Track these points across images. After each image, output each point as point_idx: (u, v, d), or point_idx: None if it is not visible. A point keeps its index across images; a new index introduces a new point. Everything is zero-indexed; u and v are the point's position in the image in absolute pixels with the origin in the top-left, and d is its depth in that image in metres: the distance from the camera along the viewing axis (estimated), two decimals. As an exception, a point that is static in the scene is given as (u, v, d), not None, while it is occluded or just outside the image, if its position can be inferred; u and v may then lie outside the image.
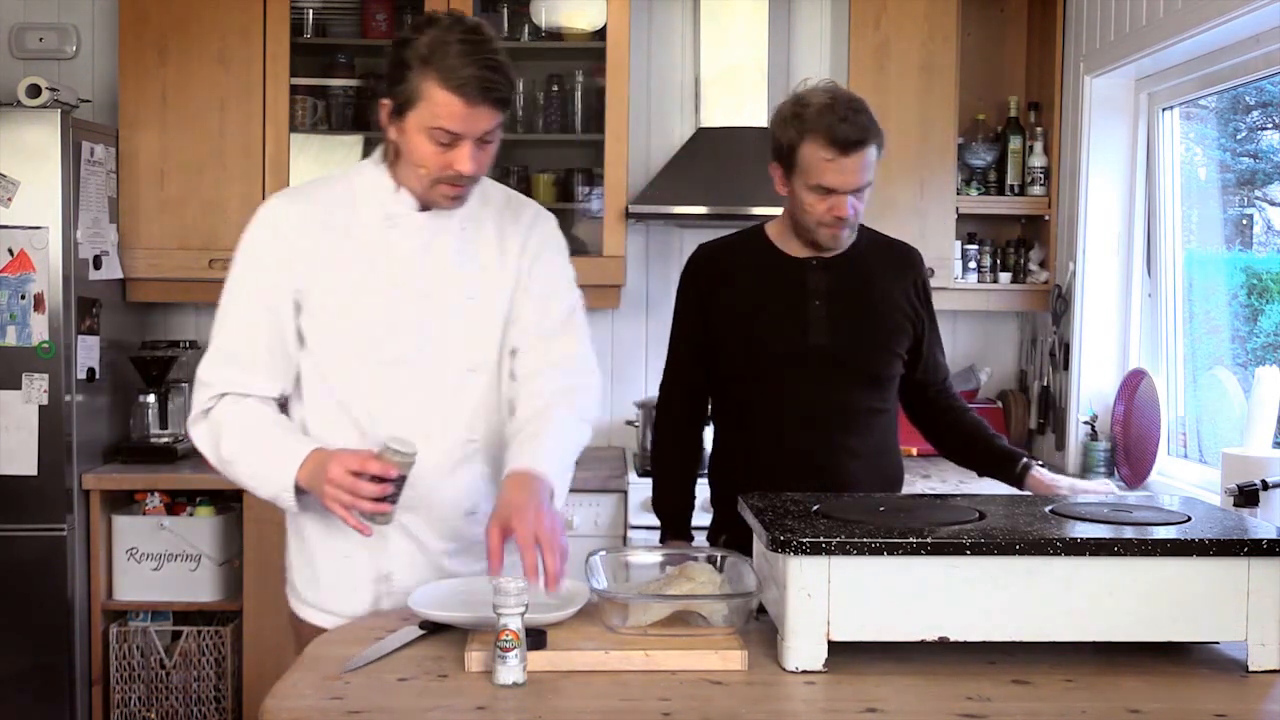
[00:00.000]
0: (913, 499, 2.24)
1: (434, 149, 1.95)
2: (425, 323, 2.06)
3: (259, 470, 2.02)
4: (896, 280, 2.50)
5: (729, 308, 2.46)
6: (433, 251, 2.07)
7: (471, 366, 2.09)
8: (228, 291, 2.09)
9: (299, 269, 2.03)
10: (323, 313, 2.05)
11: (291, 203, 2.09)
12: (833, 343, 2.41)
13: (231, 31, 3.87)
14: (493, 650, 1.70)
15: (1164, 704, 1.68)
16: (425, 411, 2.05)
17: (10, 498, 3.55)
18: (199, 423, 2.08)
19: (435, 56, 1.90)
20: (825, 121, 2.27)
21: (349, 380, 2.06)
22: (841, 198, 2.31)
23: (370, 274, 2.04)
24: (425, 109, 1.92)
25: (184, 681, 3.71)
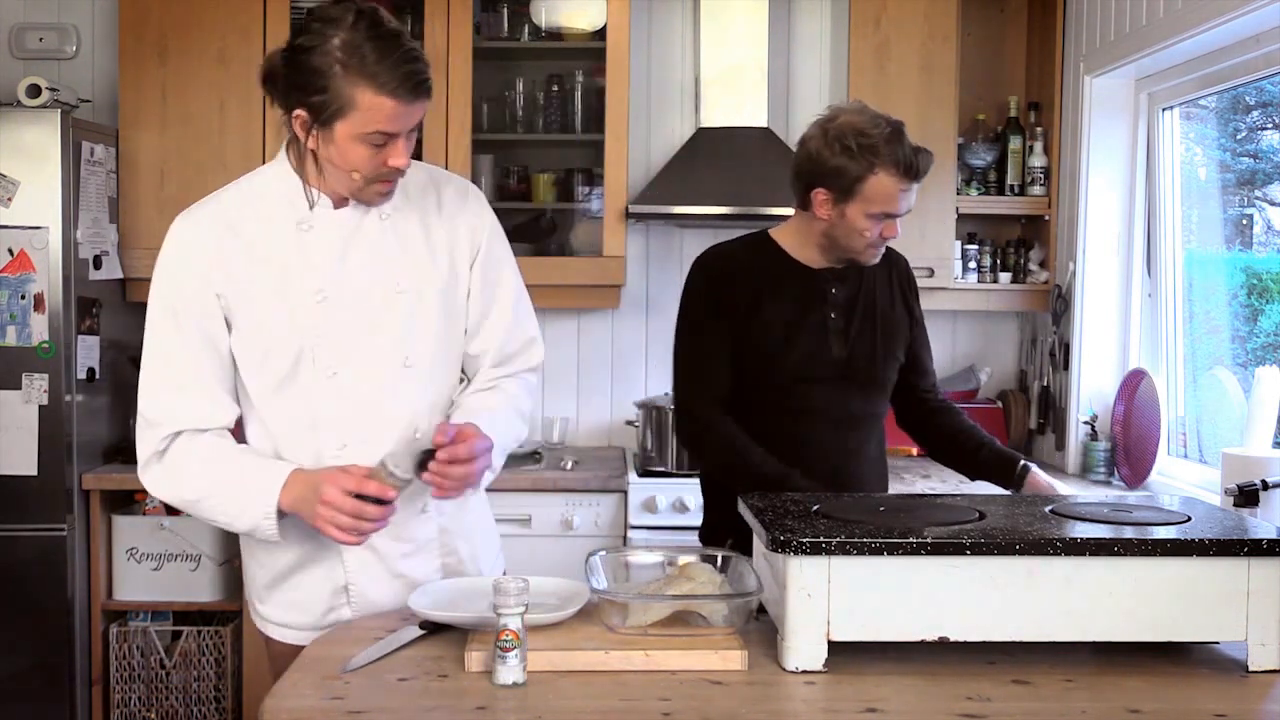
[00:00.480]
0: (913, 499, 2.24)
1: (368, 152, 1.88)
2: (354, 323, 1.99)
3: (235, 503, 1.95)
4: (893, 287, 2.55)
5: (749, 315, 2.43)
6: (353, 249, 1.99)
7: (407, 362, 2.02)
8: (155, 323, 1.99)
9: (221, 286, 1.96)
10: (249, 328, 1.97)
11: (198, 222, 1.99)
12: (850, 354, 2.45)
13: (231, 31, 3.87)
14: (493, 650, 1.70)
15: (1164, 704, 1.68)
16: (366, 413, 2.00)
17: (10, 498, 3.55)
18: (151, 466, 1.98)
19: (354, 61, 1.82)
20: (895, 153, 2.30)
21: (288, 394, 1.98)
22: (894, 221, 2.38)
23: (290, 282, 1.96)
24: (358, 116, 1.84)
25: (184, 681, 3.71)
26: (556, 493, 3.67)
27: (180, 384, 1.97)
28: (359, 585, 2.06)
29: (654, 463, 3.77)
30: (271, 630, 2.13)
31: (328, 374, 1.98)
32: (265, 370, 1.98)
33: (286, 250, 1.97)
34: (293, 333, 1.96)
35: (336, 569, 2.06)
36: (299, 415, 1.99)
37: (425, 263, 2.04)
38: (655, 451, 3.77)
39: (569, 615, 1.88)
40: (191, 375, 1.97)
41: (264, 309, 1.97)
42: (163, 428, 1.97)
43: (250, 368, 1.99)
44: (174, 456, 1.97)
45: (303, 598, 2.08)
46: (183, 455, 1.97)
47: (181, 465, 1.97)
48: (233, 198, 2.03)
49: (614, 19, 3.89)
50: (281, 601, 2.10)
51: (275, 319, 1.96)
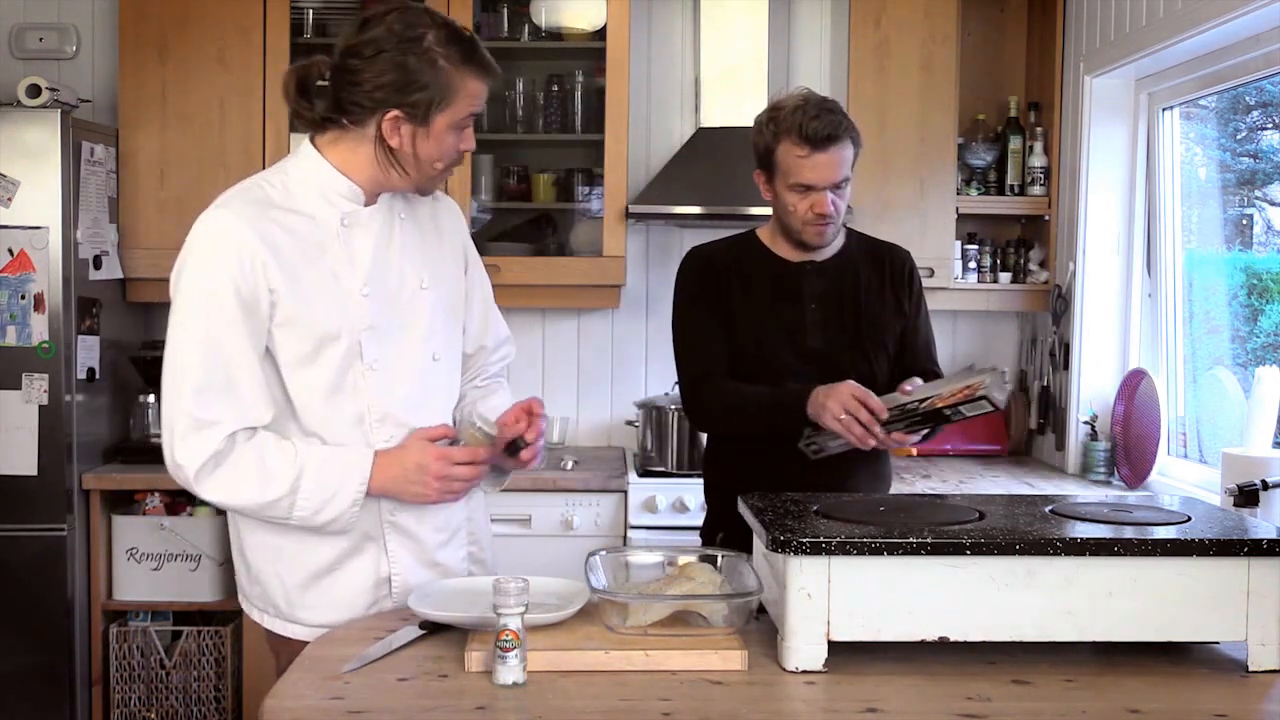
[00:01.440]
0: (913, 499, 2.24)
1: (455, 140, 1.97)
2: (391, 319, 2.02)
3: (322, 494, 1.93)
4: (886, 281, 2.54)
5: (729, 309, 2.48)
6: (386, 246, 2.03)
7: (435, 355, 2.08)
8: (197, 314, 1.90)
9: (275, 279, 1.91)
10: (301, 323, 1.94)
11: (242, 212, 1.93)
12: (827, 345, 2.45)
13: (231, 31, 3.87)
14: (493, 650, 1.70)
15: (1164, 704, 1.68)
16: (404, 408, 2.03)
17: (10, 498, 3.55)
18: (209, 473, 1.91)
19: (455, 53, 1.92)
20: (797, 120, 2.35)
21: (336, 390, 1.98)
22: (821, 194, 2.38)
23: (339, 276, 1.97)
24: (461, 103, 1.94)
25: (184, 681, 3.71)
26: (556, 493, 3.67)
27: (235, 379, 1.90)
28: (401, 575, 2.06)
29: (654, 463, 3.77)
30: (301, 633, 2.04)
31: (372, 368, 1.99)
32: (315, 366, 1.95)
33: (333, 245, 1.98)
34: (342, 327, 1.96)
35: (381, 560, 2.05)
36: (346, 411, 1.99)
37: (437, 262, 2.11)
38: (655, 451, 3.77)
39: (569, 615, 1.88)
40: (246, 369, 1.91)
41: (316, 303, 1.94)
42: (220, 427, 1.89)
43: (298, 365, 1.95)
44: (240, 458, 1.91)
45: (346, 593, 2.04)
46: (249, 456, 1.91)
47: (251, 466, 1.91)
48: (272, 191, 1.98)
49: (614, 19, 3.89)
50: (320, 602, 2.04)
51: (326, 313, 1.95)
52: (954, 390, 2.21)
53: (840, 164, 2.37)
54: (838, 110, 2.39)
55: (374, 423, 2.01)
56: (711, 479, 2.61)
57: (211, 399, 1.89)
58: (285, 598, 2.05)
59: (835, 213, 2.40)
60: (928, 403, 2.22)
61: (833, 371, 2.40)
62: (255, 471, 1.92)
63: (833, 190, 2.38)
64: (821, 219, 2.39)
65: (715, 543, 2.44)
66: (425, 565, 2.09)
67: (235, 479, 1.92)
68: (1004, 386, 2.19)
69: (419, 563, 2.08)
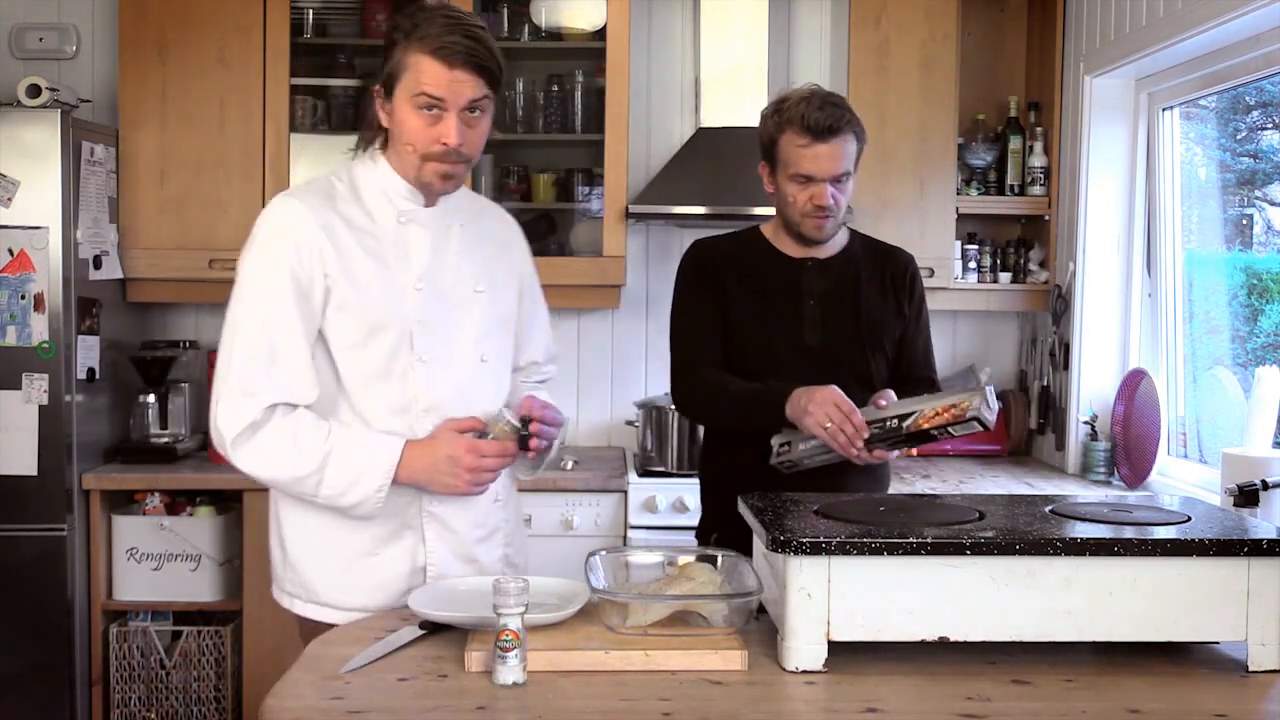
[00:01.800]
0: (913, 499, 2.24)
1: (420, 122, 1.99)
2: (444, 316, 2.10)
3: (349, 475, 1.99)
4: (887, 284, 2.54)
5: (728, 303, 2.49)
6: (442, 247, 2.12)
7: (484, 357, 2.15)
8: (256, 291, 2.01)
9: (331, 265, 2.01)
10: (353, 310, 2.02)
11: (304, 200, 2.04)
12: (824, 342, 2.46)
13: (231, 31, 3.87)
14: (493, 650, 1.70)
15: (1164, 704, 1.68)
16: (449, 403, 2.09)
17: (10, 498, 3.55)
18: (244, 441, 1.98)
19: (418, 30, 1.97)
20: (800, 111, 2.37)
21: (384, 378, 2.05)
22: (820, 186, 2.39)
23: (393, 269, 2.06)
24: (410, 78, 1.97)
25: (184, 681, 3.71)
26: (556, 493, 3.67)
27: (280, 356, 1.99)
28: (437, 567, 2.12)
29: (654, 463, 3.77)
30: (335, 616, 2.09)
31: (420, 360, 2.06)
32: (366, 352, 2.03)
33: (389, 239, 2.07)
34: (393, 317, 2.04)
35: (418, 549, 2.11)
36: (393, 399, 2.06)
37: (494, 271, 2.20)
38: (655, 451, 3.77)
39: (569, 615, 1.88)
40: (291, 348, 1.99)
41: (369, 292, 2.03)
42: (260, 398, 1.97)
43: (350, 350, 2.03)
44: (274, 430, 1.98)
45: (381, 579, 2.10)
46: (283, 428, 1.98)
47: (283, 439, 1.98)
48: (335, 184, 2.10)
49: (614, 19, 3.89)
50: (356, 585, 2.09)
51: (379, 302, 2.03)
52: (939, 408, 2.19)
53: (841, 157, 2.37)
54: (843, 105, 2.40)
55: (420, 412, 2.07)
56: (708, 478, 2.61)
57: (255, 372, 1.98)
58: (321, 581, 2.11)
59: (834, 206, 2.41)
60: (911, 420, 2.20)
61: (829, 369, 2.40)
62: (287, 445, 1.98)
63: (833, 183, 2.39)
64: (820, 211, 2.40)
65: (710, 542, 2.45)
66: (462, 559, 2.15)
67: (268, 450, 1.99)
68: (992, 406, 2.17)
69: (455, 556, 2.14)
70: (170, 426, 3.93)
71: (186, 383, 3.99)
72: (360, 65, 4.12)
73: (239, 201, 3.89)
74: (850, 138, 2.38)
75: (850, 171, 2.41)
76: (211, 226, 3.89)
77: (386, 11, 3.99)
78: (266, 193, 3.89)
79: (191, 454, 3.94)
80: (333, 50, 4.08)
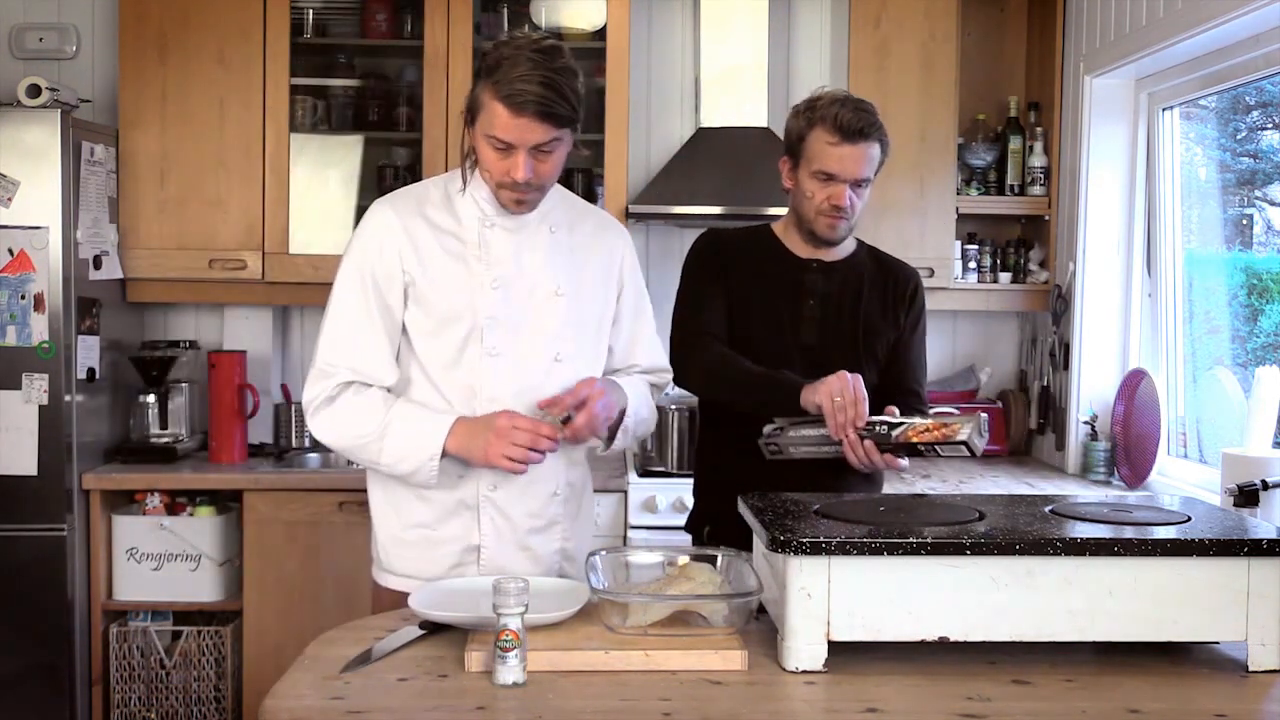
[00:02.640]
0: (913, 499, 2.24)
1: (493, 155, 2.11)
2: (519, 315, 2.21)
3: (402, 446, 2.14)
4: (889, 294, 2.54)
5: (734, 295, 2.50)
6: (526, 250, 2.23)
7: (557, 357, 2.24)
8: (344, 286, 2.21)
9: (410, 264, 2.18)
10: (430, 303, 2.18)
11: (394, 205, 2.23)
12: (820, 343, 2.46)
13: (231, 31, 3.87)
14: (493, 650, 1.70)
15: (1164, 704, 1.68)
16: (519, 398, 2.19)
17: (10, 498, 3.55)
18: (321, 410, 2.19)
19: (499, 69, 2.06)
20: (834, 111, 2.40)
21: (458, 366, 2.19)
22: (840, 187, 2.40)
23: (472, 268, 2.20)
24: (485, 117, 2.10)
25: (184, 681, 3.71)
26: (556, 493, 3.66)
27: (358, 341, 2.19)
28: (490, 549, 2.22)
29: (654, 463, 3.77)
30: (392, 581, 2.27)
31: (491, 353, 2.19)
32: (439, 341, 2.19)
33: (472, 242, 2.22)
34: (468, 311, 2.19)
35: (472, 529, 2.23)
36: (466, 385, 2.20)
37: (583, 275, 2.29)
38: (655, 451, 3.77)
39: (569, 615, 1.88)
40: (369, 335, 2.19)
41: (446, 288, 2.19)
42: (337, 376, 2.18)
43: (425, 338, 2.20)
44: (345, 402, 2.18)
45: (435, 553, 2.23)
46: (353, 401, 2.18)
47: (352, 410, 2.17)
48: (429, 191, 2.28)
49: (614, 19, 3.89)
50: (412, 554, 2.24)
51: (455, 298, 2.19)
52: (931, 425, 2.20)
53: (866, 161, 2.39)
54: (873, 112, 2.42)
55: (485, 401, 2.19)
56: (702, 473, 2.61)
57: (337, 353, 2.19)
58: (385, 548, 2.28)
59: (850, 209, 2.42)
60: (901, 431, 2.20)
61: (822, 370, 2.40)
62: (353, 414, 2.17)
63: (853, 186, 2.41)
64: (836, 211, 2.42)
65: (703, 537, 2.46)
66: (516, 547, 2.24)
67: (336, 419, 2.18)
68: (983, 435, 2.18)
69: (509, 542, 2.24)
70: (170, 426, 3.93)
71: (186, 383, 3.99)
72: (360, 65, 4.13)
73: (239, 201, 3.89)
74: (876, 145, 2.41)
75: (870, 178, 2.43)
76: (211, 226, 3.90)
77: (387, 11, 4.00)
78: (266, 193, 3.89)
79: (191, 454, 3.94)
80: (333, 50, 4.08)
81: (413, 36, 3.98)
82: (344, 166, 4.06)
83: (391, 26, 4.01)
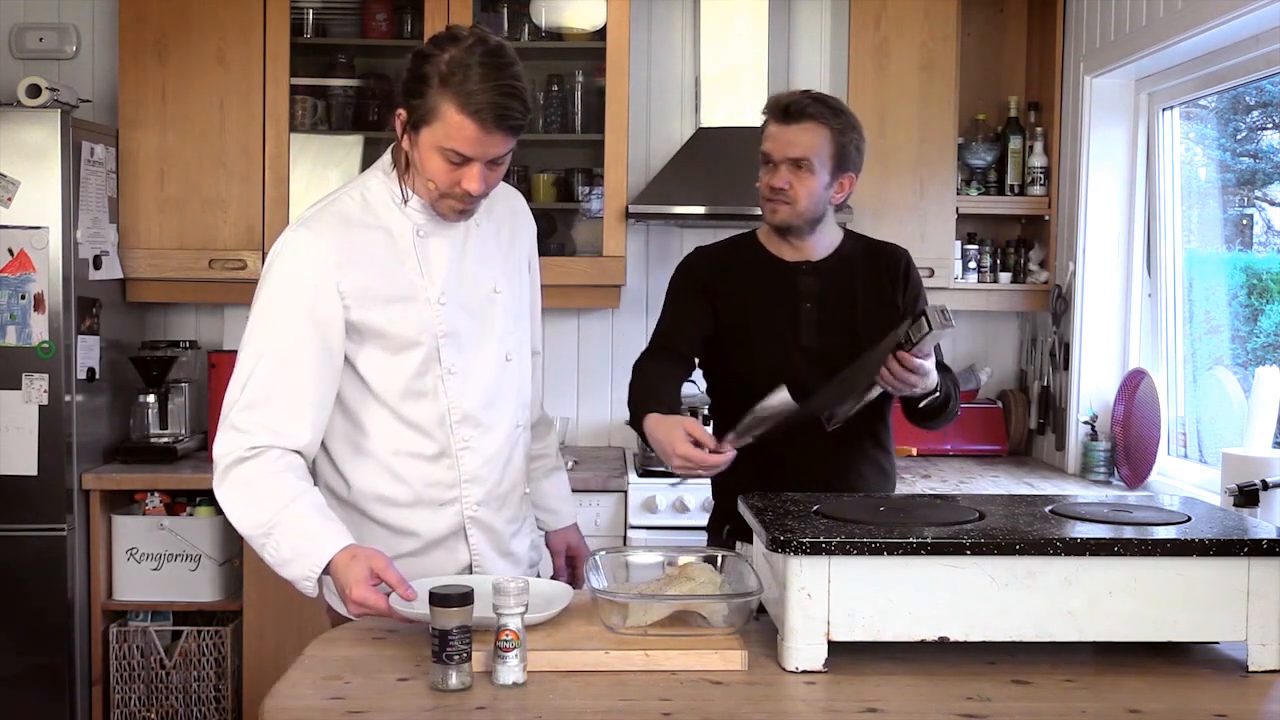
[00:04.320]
0: (913, 499, 2.24)
1: (444, 166, 1.97)
2: (468, 324, 2.11)
3: (287, 555, 1.92)
4: (883, 279, 2.53)
5: (726, 309, 2.49)
6: (461, 254, 2.12)
7: (507, 356, 2.18)
8: (267, 329, 1.98)
9: (348, 293, 2.00)
10: (378, 332, 2.03)
11: (319, 231, 2.01)
12: (821, 344, 2.45)
13: (231, 31, 3.87)
14: (493, 650, 1.70)
15: (1164, 704, 1.68)
16: (483, 405, 2.14)
17: (10, 498, 3.55)
18: (228, 474, 1.97)
19: (455, 77, 1.90)
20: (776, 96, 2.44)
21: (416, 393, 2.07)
22: (777, 169, 2.40)
23: (415, 286, 2.06)
24: (440, 129, 1.93)
25: (184, 681, 3.71)
26: (556, 493, 3.66)
27: (275, 398, 1.97)
28: (481, 563, 2.18)
29: (654, 463, 3.77)
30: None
31: (450, 372, 2.09)
32: (395, 371, 2.06)
33: (410, 256, 2.06)
34: (421, 334, 2.06)
35: (461, 550, 2.16)
36: (429, 412, 2.09)
37: (511, 266, 2.21)
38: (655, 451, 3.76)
39: (553, 615, 1.87)
40: (291, 392, 1.97)
41: (391, 312, 2.03)
42: (250, 437, 1.96)
43: (379, 370, 2.05)
44: (249, 476, 1.95)
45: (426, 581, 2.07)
46: (256, 480, 1.95)
47: (251, 491, 1.95)
48: (349, 206, 2.07)
49: (614, 19, 3.89)
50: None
51: (404, 322, 2.04)
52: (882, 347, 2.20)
53: (798, 143, 2.37)
54: (821, 99, 2.41)
55: (454, 423, 2.11)
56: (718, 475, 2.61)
57: (255, 408, 1.97)
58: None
59: (787, 189, 2.39)
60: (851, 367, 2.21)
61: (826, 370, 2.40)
62: (249, 500, 1.95)
63: (792, 168, 2.38)
64: (772, 193, 2.41)
65: (722, 536, 2.45)
66: (501, 554, 2.21)
67: (236, 497, 1.97)
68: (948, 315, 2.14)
69: (496, 552, 2.20)
70: (170, 426, 3.93)
71: (186, 383, 3.99)
72: (360, 65, 4.13)
73: (239, 201, 3.89)
74: (815, 127, 2.37)
75: (810, 160, 2.38)
76: (211, 226, 3.90)
77: (387, 11, 4.00)
78: (266, 193, 3.89)
79: (191, 454, 3.94)
80: (333, 50, 4.08)
81: (413, 36, 3.98)
82: (344, 166, 4.06)
83: (391, 26, 4.01)
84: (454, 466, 2.12)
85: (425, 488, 2.11)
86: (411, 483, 2.11)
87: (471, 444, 2.13)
